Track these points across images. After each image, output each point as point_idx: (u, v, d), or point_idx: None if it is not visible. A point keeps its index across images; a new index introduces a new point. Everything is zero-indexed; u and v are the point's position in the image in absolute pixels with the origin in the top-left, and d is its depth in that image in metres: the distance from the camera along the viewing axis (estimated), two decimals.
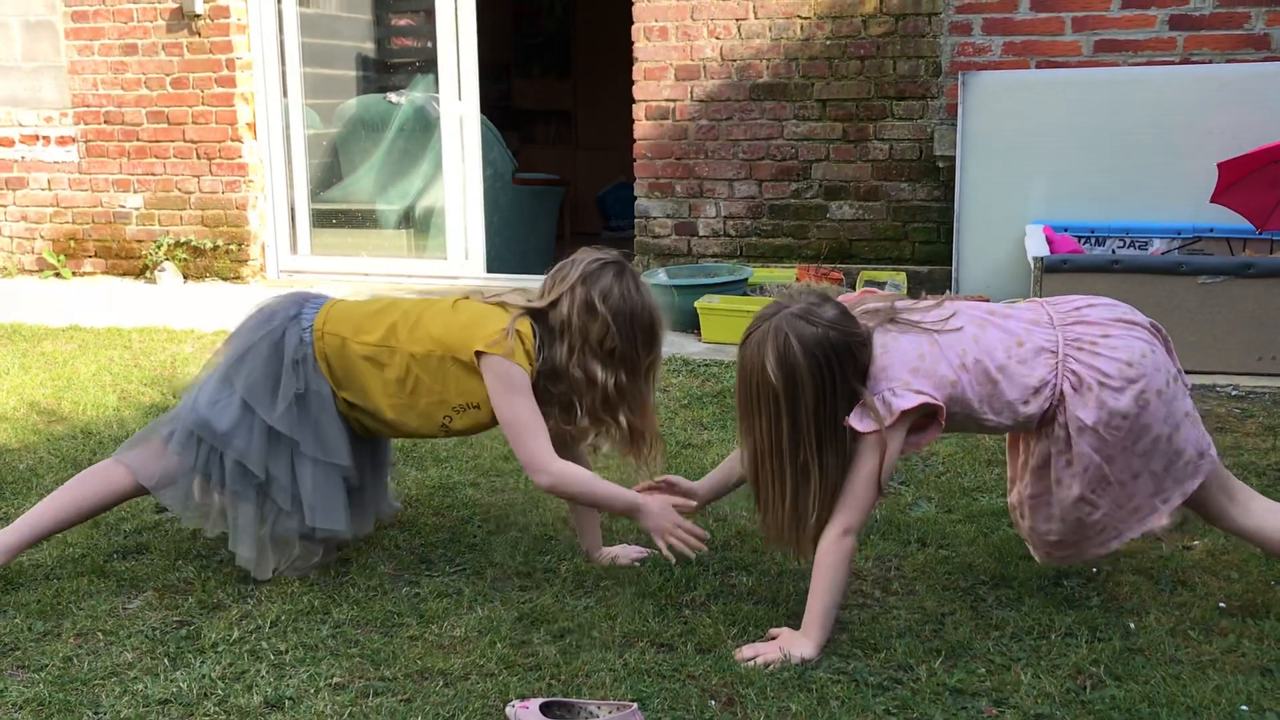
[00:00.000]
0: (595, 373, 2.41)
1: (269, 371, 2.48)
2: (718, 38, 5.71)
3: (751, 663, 2.13)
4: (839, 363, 2.15)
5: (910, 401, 2.14)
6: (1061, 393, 2.20)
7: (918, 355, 2.19)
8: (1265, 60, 5.01)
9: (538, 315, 2.46)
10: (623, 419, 2.45)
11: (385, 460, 2.81)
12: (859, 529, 2.22)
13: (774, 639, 2.21)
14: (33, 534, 2.53)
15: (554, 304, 2.43)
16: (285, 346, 2.49)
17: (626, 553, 2.65)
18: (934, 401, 2.16)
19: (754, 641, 2.23)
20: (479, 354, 2.38)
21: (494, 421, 2.46)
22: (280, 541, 2.51)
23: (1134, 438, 2.19)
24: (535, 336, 2.44)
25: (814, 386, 2.13)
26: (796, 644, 2.17)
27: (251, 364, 2.49)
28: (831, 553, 2.18)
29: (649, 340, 2.45)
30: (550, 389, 2.46)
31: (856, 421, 2.16)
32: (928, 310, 2.27)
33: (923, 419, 2.21)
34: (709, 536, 2.42)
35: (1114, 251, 4.86)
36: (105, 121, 6.76)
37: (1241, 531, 2.31)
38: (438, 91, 6.49)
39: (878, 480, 2.18)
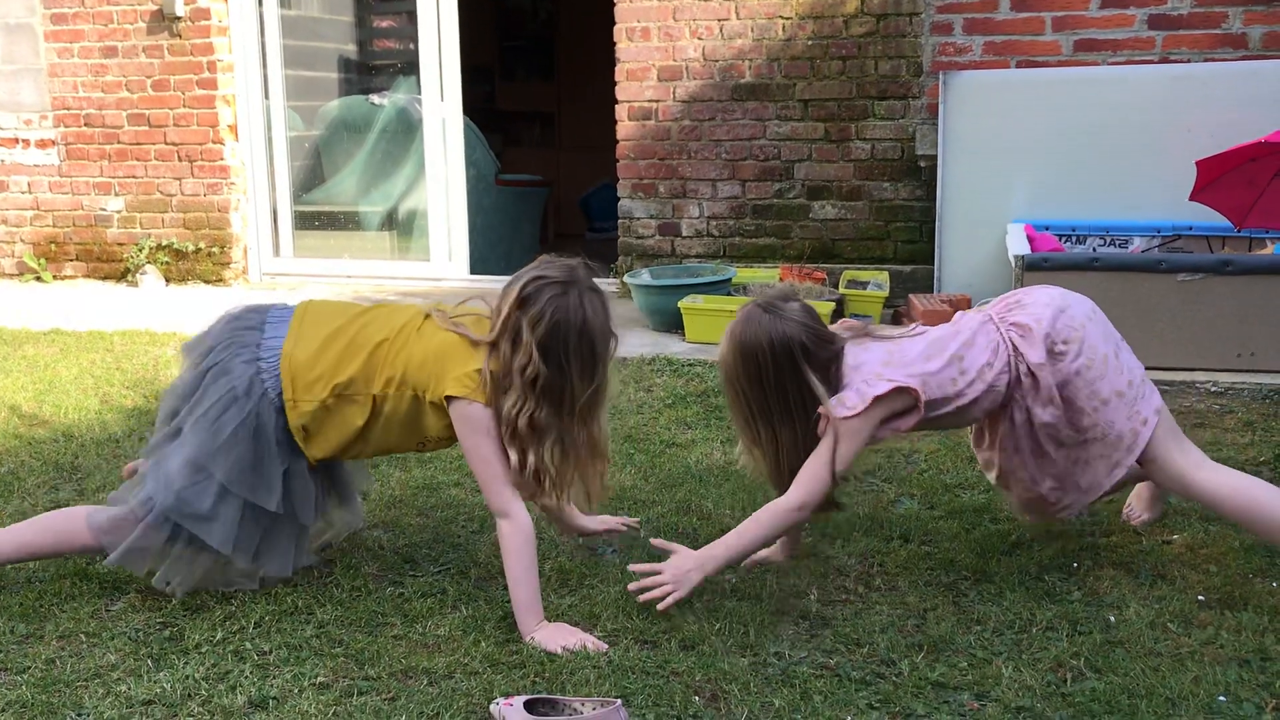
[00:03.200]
0: (505, 403, 2.26)
1: (253, 457, 2.37)
2: (700, 38, 5.72)
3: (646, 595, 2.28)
4: (792, 348, 2.34)
5: (883, 387, 2.33)
6: (1014, 344, 2.39)
7: (887, 352, 2.42)
8: (1242, 59, 5.05)
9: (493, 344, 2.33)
10: (531, 459, 2.27)
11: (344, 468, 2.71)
12: (814, 506, 2.36)
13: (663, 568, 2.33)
14: None
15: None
16: (264, 427, 2.38)
17: (607, 522, 2.68)
18: (905, 383, 2.34)
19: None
20: (448, 398, 2.31)
21: None
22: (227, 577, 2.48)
23: (1086, 360, 2.36)
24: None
25: (770, 365, 2.35)
26: (686, 567, 2.31)
27: (230, 452, 2.36)
28: (772, 512, 2.37)
29: (586, 370, 2.27)
30: None
31: (832, 407, 2.34)
32: (897, 329, 2.53)
33: (903, 410, 2.38)
34: (605, 648, 2.19)
35: (1094, 249, 4.89)
36: (86, 124, 6.73)
37: (1189, 482, 2.38)
38: (420, 93, 6.48)
39: (832, 464, 2.33)
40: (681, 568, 2.32)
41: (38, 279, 6.90)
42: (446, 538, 2.80)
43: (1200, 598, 2.38)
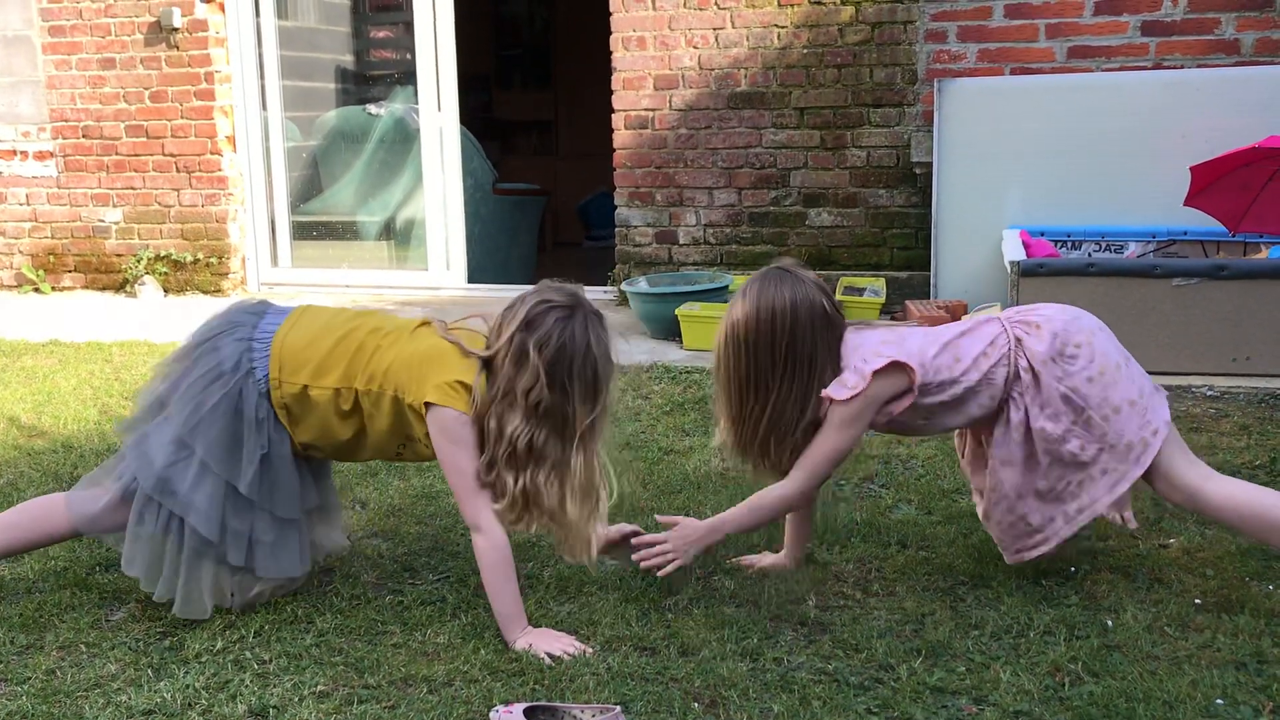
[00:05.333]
0: (507, 425, 2.24)
1: (231, 435, 2.37)
2: (695, 47, 5.75)
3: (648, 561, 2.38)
4: (815, 312, 2.37)
5: (881, 362, 2.34)
6: (1017, 338, 2.39)
7: (885, 334, 2.45)
8: (1236, 65, 5.06)
9: (487, 360, 2.33)
10: (523, 482, 2.26)
11: (329, 483, 2.70)
12: (812, 492, 2.44)
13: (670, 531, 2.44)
14: None
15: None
16: (245, 406, 2.37)
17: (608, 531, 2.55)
18: (902, 358, 2.34)
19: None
20: (427, 404, 2.29)
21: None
22: (240, 587, 2.43)
23: (1099, 367, 2.34)
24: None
25: (789, 327, 2.35)
26: (690, 537, 2.43)
27: (210, 427, 2.36)
28: (775, 498, 2.43)
29: (588, 395, 2.27)
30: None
31: (833, 390, 2.35)
32: (898, 324, 2.58)
33: (898, 393, 2.38)
34: (591, 651, 2.24)
35: (1090, 255, 4.91)
36: (84, 136, 6.74)
37: (1200, 495, 2.34)
38: (417, 103, 6.50)
39: (838, 456, 2.40)
40: (685, 538, 2.42)
41: (36, 290, 6.90)
42: (445, 546, 2.81)
43: (1197, 601, 2.39)
